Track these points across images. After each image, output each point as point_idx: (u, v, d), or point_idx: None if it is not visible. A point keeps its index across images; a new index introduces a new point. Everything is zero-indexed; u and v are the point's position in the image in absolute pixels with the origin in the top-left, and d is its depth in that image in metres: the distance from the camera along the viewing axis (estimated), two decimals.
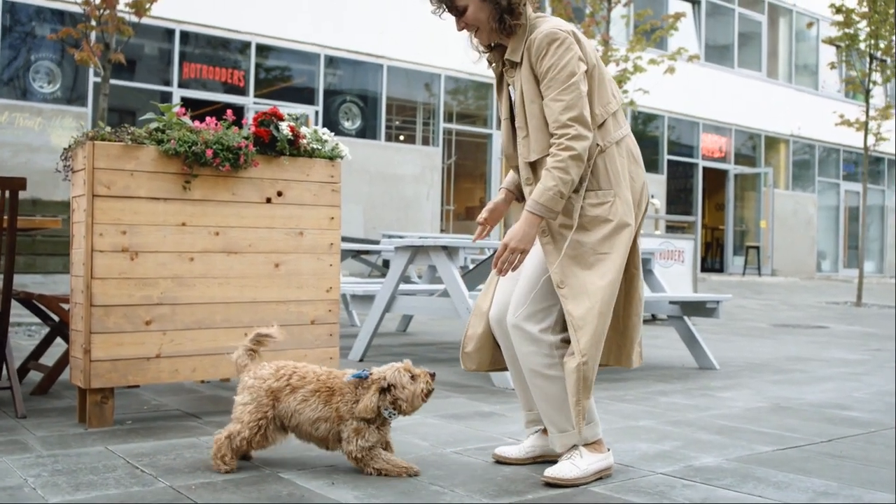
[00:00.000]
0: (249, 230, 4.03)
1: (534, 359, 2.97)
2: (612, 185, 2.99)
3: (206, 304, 3.90)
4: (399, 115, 17.45)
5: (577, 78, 2.90)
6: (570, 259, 2.95)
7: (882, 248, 27.96)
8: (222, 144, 3.87)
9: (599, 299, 2.91)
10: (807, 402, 4.77)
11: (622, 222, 2.97)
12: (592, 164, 2.98)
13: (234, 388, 4.72)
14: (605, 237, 2.95)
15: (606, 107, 3.02)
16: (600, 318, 2.91)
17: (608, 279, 2.93)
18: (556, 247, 2.97)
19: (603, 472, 3.01)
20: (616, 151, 3.01)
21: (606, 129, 3.01)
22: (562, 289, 2.93)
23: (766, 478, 3.07)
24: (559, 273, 2.94)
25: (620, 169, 3.01)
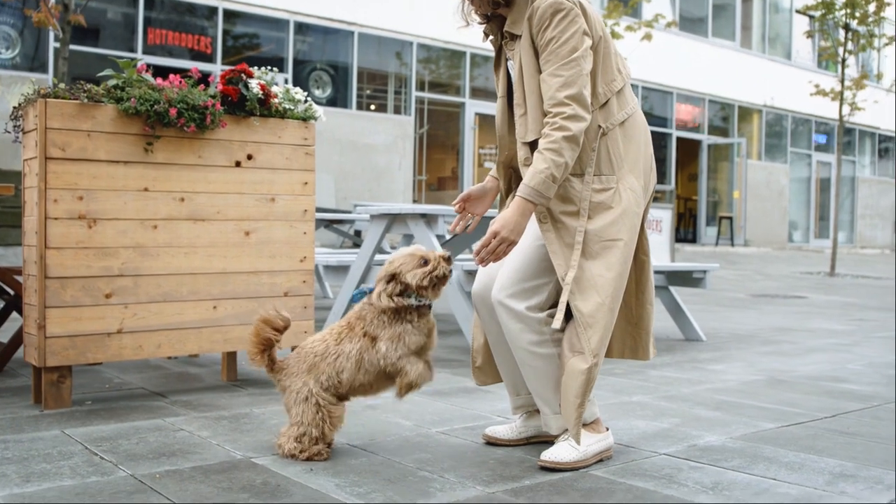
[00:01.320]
0: (217, 196, 3.75)
1: (523, 336, 2.73)
2: (614, 171, 2.75)
3: (171, 276, 3.63)
4: (370, 84, 17.09)
5: (580, 54, 2.64)
6: (571, 248, 2.70)
7: (852, 219, 28.04)
8: (187, 103, 3.58)
9: (609, 293, 2.68)
10: (802, 375, 4.59)
11: (627, 209, 2.73)
12: (597, 147, 2.73)
13: (202, 363, 4.46)
14: (609, 224, 2.71)
15: (611, 85, 2.77)
16: (609, 314, 2.69)
17: (616, 270, 2.70)
18: (558, 235, 2.72)
19: (603, 454, 2.79)
20: (620, 133, 2.77)
21: (609, 110, 2.76)
22: (567, 282, 2.70)
23: (776, 458, 2.87)
24: (563, 265, 2.69)
25: (624, 153, 2.77)
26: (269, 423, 3.21)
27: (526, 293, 2.73)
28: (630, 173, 2.77)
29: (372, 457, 2.79)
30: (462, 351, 5.18)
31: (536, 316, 2.72)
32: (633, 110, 2.81)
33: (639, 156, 2.81)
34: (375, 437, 3.06)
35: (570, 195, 2.72)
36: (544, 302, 2.74)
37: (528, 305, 2.72)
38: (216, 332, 3.76)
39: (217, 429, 3.12)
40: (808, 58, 26.03)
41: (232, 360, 4.12)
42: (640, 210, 2.79)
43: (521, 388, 2.98)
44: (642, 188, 2.80)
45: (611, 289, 2.69)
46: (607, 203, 2.72)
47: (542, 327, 2.72)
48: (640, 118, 2.85)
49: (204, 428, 3.13)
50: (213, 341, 3.75)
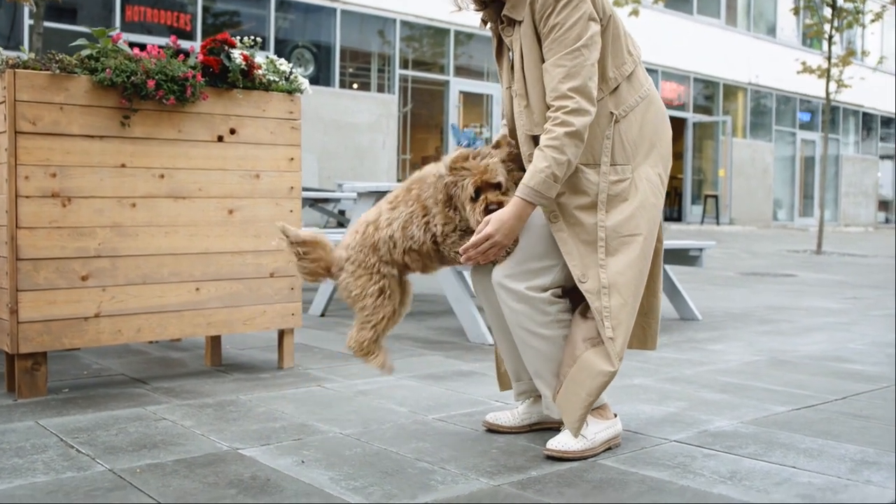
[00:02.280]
0: (199, 172, 3.56)
1: (525, 317, 2.57)
2: (629, 159, 2.58)
3: (151, 256, 3.45)
4: (353, 62, 16.84)
5: (584, 42, 2.44)
6: (588, 246, 2.54)
7: (836, 197, 28.04)
8: (166, 74, 3.39)
9: (630, 292, 2.53)
10: (804, 355, 4.46)
11: (645, 201, 2.57)
12: (610, 135, 2.56)
13: (186, 347, 4.28)
14: (627, 218, 2.54)
15: (621, 68, 2.59)
16: (631, 313, 2.54)
17: (637, 268, 2.54)
18: (573, 233, 2.54)
19: (611, 442, 2.64)
20: (634, 119, 2.59)
21: (621, 95, 2.58)
22: (584, 283, 2.52)
23: (793, 443, 2.73)
24: (580, 266, 2.53)
25: (639, 140, 2.59)
26: (257, 411, 3.05)
27: (527, 274, 2.57)
28: (646, 161, 2.60)
29: (366, 446, 2.63)
30: (453, 332, 5.02)
31: (539, 296, 2.55)
32: (647, 93, 2.64)
33: (655, 142, 2.64)
34: (369, 425, 2.90)
35: (584, 187, 2.55)
36: (548, 284, 2.57)
37: (529, 286, 2.55)
38: (199, 316, 3.58)
39: (201, 417, 2.95)
40: (793, 35, 25.93)
41: (216, 344, 3.94)
42: (660, 202, 2.62)
43: (524, 374, 2.82)
44: (659, 177, 2.63)
45: (632, 287, 2.53)
46: (623, 195, 2.55)
47: (546, 307, 2.56)
48: (655, 101, 2.67)
49: (187, 417, 2.96)
50: (195, 325, 3.58)
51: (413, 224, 2.64)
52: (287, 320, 3.85)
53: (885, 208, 31.31)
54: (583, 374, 2.50)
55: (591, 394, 2.50)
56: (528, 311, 2.55)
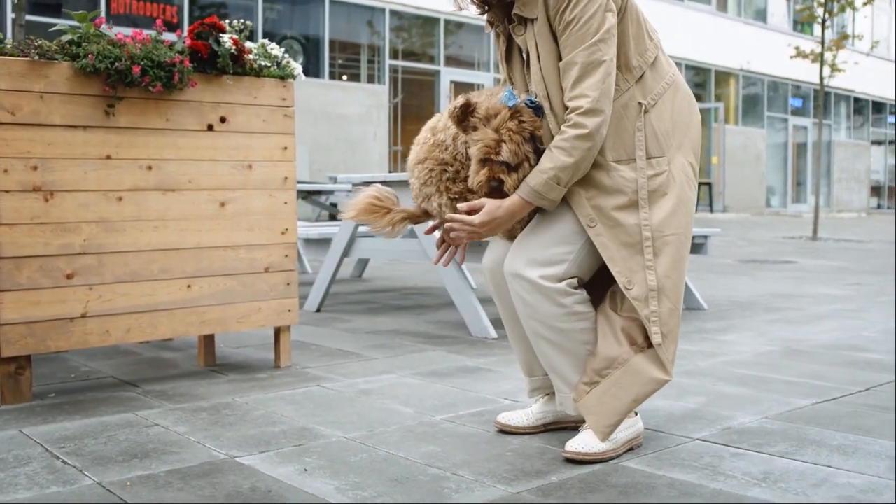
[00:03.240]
0: (188, 163, 3.39)
1: (541, 309, 2.41)
2: (663, 150, 2.42)
3: (139, 252, 3.27)
4: (343, 53, 16.64)
5: (601, 36, 2.28)
6: (629, 249, 2.38)
7: (829, 182, 27.95)
8: (152, 60, 3.21)
9: (677, 296, 2.41)
10: (818, 344, 4.31)
11: (682, 196, 2.42)
12: (642, 126, 2.40)
13: (178, 347, 4.11)
14: (669, 216, 2.39)
15: (644, 55, 2.42)
16: (678, 319, 2.42)
17: (680, 269, 2.41)
18: (614, 235, 2.38)
19: (633, 442, 2.48)
20: (663, 107, 2.43)
21: (647, 84, 2.42)
22: (630, 290, 2.37)
23: (823, 440, 2.57)
24: (624, 271, 2.37)
25: (672, 129, 2.44)
26: (254, 415, 2.88)
27: (540, 263, 2.40)
28: (679, 151, 2.45)
29: (373, 451, 2.47)
30: (454, 326, 4.86)
31: (553, 286, 2.39)
32: (672, 78, 2.48)
33: (687, 130, 2.49)
34: (374, 427, 2.74)
35: (620, 186, 2.39)
36: (563, 273, 2.41)
37: (543, 274, 2.39)
38: (191, 314, 3.41)
39: (195, 423, 2.78)
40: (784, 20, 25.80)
41: (209, 343, 3.77)
42: (694, 195, 2.47)
43: (537, 370, 2.66)
44: (692, 167, 2.49)
45: (678, 290, 2.40)
46: (662, 189, 2.40)
47: (561, 298, 2.39)
48: (681, 85, 2.51)
49: (181, 422, 2.79)
50: (188, 323, 3.41)
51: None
52: (283, 317, 3.68)
53: (877, 194, 31.25)
54: (632, 379, 2.36)
55: (636, 400, 2.36)
56: (542, 302, 2.39)
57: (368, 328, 4.83)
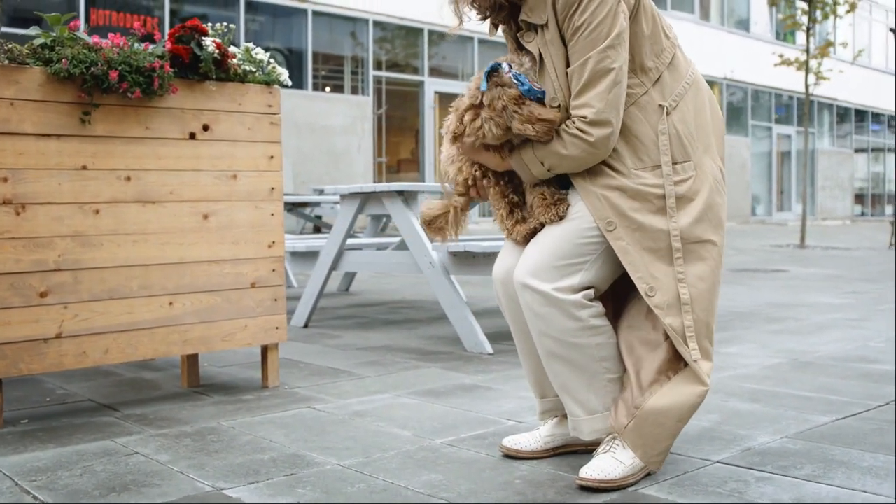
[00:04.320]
0: (170, 174, 3.21)
1: (554, 323, 2.24)
2: (689, 155, 2.26)
3: (118, 268, 3.09)
4: (326, 65, 16.47)
5: (611, 41, 2.13)
6: (653, 254, 2.23)
7: (813, 191, 27.96)
8: (130, 65, 3.03)
9: (704, 307, 2.25)
10: (826, 356, 4.16)
11: (711, 201, 2.27)
12: (666, 130, 2.24)
13: (160, 367, 3.91)
14: (695, 222, 2.24)
15: (661, 56, 2.27)
16: (708, 331, 2.28)
17: (710, 280, 2.27)
18: (634, 240, 2.22)
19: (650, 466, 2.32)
20: (686, 108, 2.28)
21: (666, 85, 2.26)
22: (652, 297, 2.21)
23: (852, 461, 2.41)
24: (646, 277, 2.22)
25: (696, 130, 2.28)
26: (241, 440, 2.70)
27: (554, 272, 2.24)
28: (706, 154, 2.30)
29: (371, 481, 2.29)
30: (447, 341, 4.69)
31: (568, 298, 2.22)
32: (692, 77, 2.32)
33: (710, 130, 2.34)
34: (370, 453, 2.56)
35: (643, 192, 2.23)
36: (577, 284, 2.24)
37: (557, 286, 2.22)
38: (173, 333, 3.22)
39: (178, 450, 2.59)
40: (767, 29, 25.83)
41: (193, 362, 3.58)
42: (724, 200, 2.31)
43: (550, 390, 2.49)
44: (720, 170, 2.34)
45: (706, 302, 2.24)
46: (689, 196, 2.25)
47: (576, 311, 2.23)
48: (701, 84, 2.36)
49: (163, 450, 2.60)
50: (169, 343, 3.22)
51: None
52: (271, 335, 3.50)
53: (860, 201, 31.32)
54: (675, 401, 2.22)
55: (682, 419, 2.20)
56: (556, 315, 2.22)
57: (359, 344, 4.65)
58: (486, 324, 5.32)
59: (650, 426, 2.21)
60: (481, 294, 7.21)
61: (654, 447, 2.23)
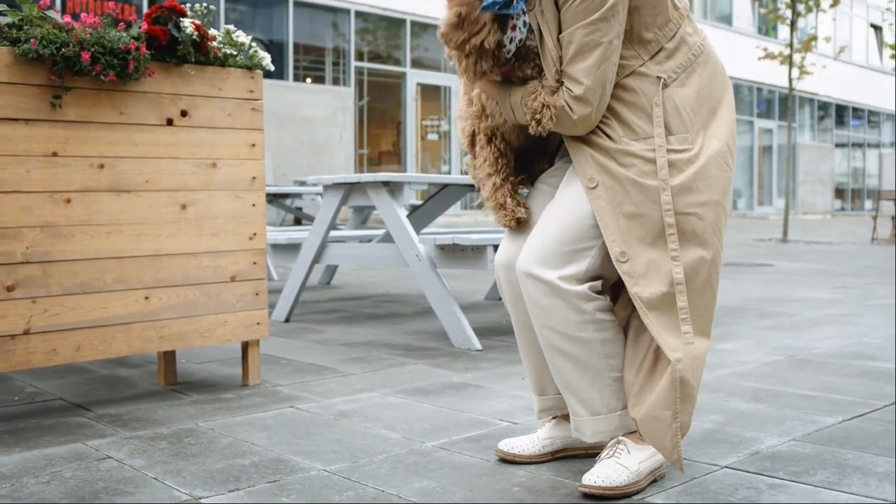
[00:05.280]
0: (146, 161, 3.05)
1: (558, 316, 2.10)
2: (687, 129, 2.11)
3: (90, 261, 2.93)
4: (307, 56, 16.27)
5: (603, 13, 1.99)
6: (631, 220, 2.08)
7: (794, 185, 27.99)
8: (103, 46, 2.87)
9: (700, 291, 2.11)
10: (823, 353, 4.05)
11: (704, 172, 2.10)
12: (660, 101, 2.09)
13: (136, 363, 3.75)
14: (688, 193, 2.08)
15: (664, 28, 2.12)
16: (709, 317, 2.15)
17: (709, 260, 2.12)
18: (614, 201, 2.08)
19: (657, 472, 2.19)
20: (688, 81, 2.13)
21: (665, 57, 2.11)
22: (624, 263, 2.07)
23: (866, 466, 2.29)
24: (619, 241, 2.08)
25: (697, 105, 2.13)
26: (221, 443, 2.55)
27: (558, 259, 2.10)
28: (705, 130, 2.14)
29: (360, 489, 2.15)
30: (434, 337, 4.55)
31: (573, 289, 2.09)
32: (700, 49, 2.17)
33: (716, 106, 2.18)
34: (358, 457, 2.41)
35: (631, 152, 2.09)
36: (583, 272, 2.11)
37: (562, 275, 2.09)
38: (149, 328, 3.07)
39: (154, 454, 2.44)
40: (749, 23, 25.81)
41: (170, 359, 3.43)
42: (724, 174, 2.13)
43: (550, 388, 2.36)
44: (727, 146, 2.16)
45: (705, 284, 2.11)
46: (681, 167, 2.10)
47: (581, 304, 2.09)
48: (711, 57, 2.20)
49: (137, 454, 2.45)
50: (145, 339, 3.06)
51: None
52: (252, 330, 3.35)
53: (840, 196, 31.41)
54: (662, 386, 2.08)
55: (668, 405, 2.07)
56: (560, 307, 2.09)
57: (342, 339, 4.50)
58: (474, 318, 5.19)
59: (649, 424, 2.08)
60: (467, 287, 7.07)
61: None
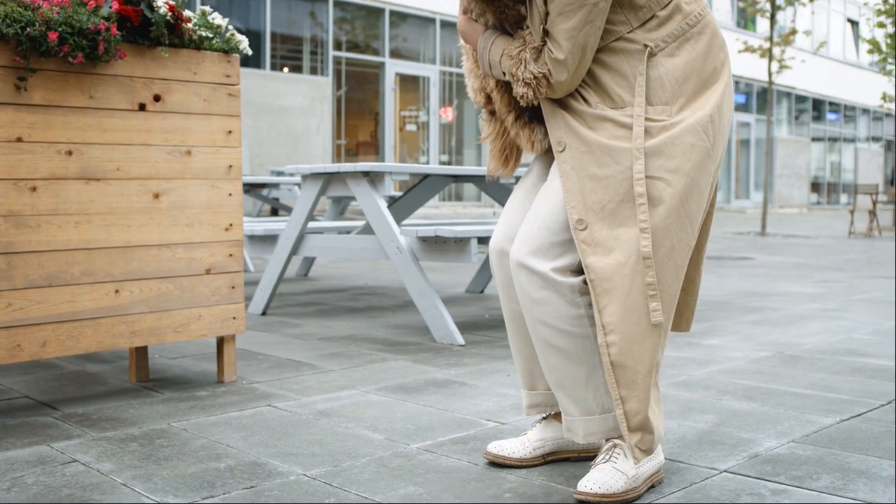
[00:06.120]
0: (117, 148, 2.91)
1: (551, 309, 1.99)
2: (669, 101, 1.98)
3: (57, 252, 2.78)
4: (284, 45, 16.06)
5: None
6: (596, 183, 1.96)
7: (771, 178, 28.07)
8: (72, 26, 2.72)
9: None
10: (812, 349, 3.97)
11: (679, 139, 1.96)
12: (644, 71, 1.98)
13: (106, 359, 3.61)
14: (661, 162, 1.96)
15: None
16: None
17: (678, 223, 1.98)
18: (580, 164, 1.97)
19: (654, 477, 2.08)
20: (678, 51, 2.00)
21: (656, 25, 1.99)
22: (582, 231, 1.96)
23: (871, 470, 2.20)
24: (580, 208, 1.96)
25: (684, 77, 2.00)
26: (194, 445, 2.42)
27: (551, 249, 1.99)
28: (691, 103, 2.00)
29: (342, 495, 2.03)
30: (415, 331, 4.43)
31: (567, 281, 1.98)
32: (697, 18, 2.04)
33: (707, 78, 2.03)
34: (339, 460, 2.30)
35: (604, 116, 1.98)
36: (577, 263, 2.00)
37: (555, 266, 1.98)
38: (120, 323, 2.93)
39: (123, 457, 2.31)
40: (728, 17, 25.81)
41: (142, 355, 3.29)
42: (702, 144, 1.98)
43: (540, 382, 2.25)
44: (710, 118, 2.00)
45: (670, 259, 1.98)
46: (654, 132, 1.96)
47: (576, 297, 1.98)
48: (708, 27, 2.05)
49: (105, 457, 2.32)
50: (115, 335, 2.92)
51: None
52: (227, 325, 3.22)
53: (816, 190, 31.53)
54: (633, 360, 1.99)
55: (611, 384, 1.98)
56: (553, 300, 1.98)
57: (321, 334, 4.37)
58: (455, 312, 5.08)
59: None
60: (447, 280, 6.96)
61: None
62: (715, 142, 2.02)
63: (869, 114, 33.54)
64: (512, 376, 3.35)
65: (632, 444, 2.00)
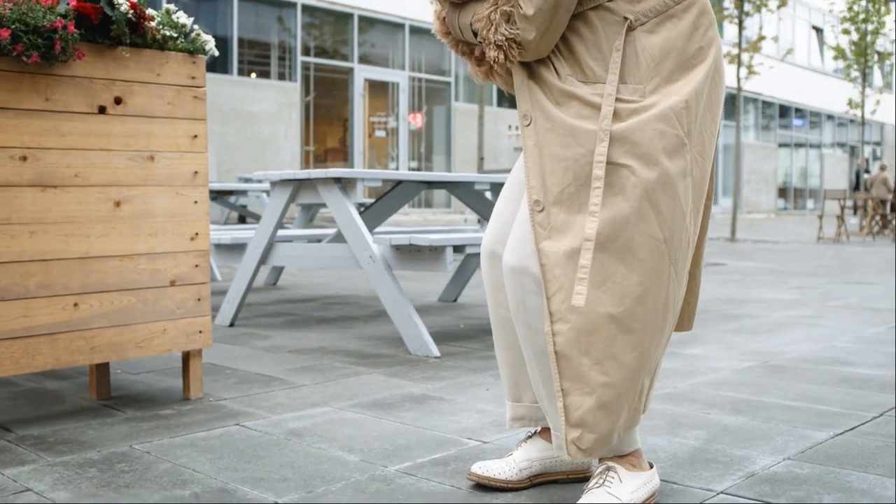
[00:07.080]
0: (75, 153, 2.75)
1: (540, 315, 1.87)
2: (643, 80, 1.85)
3: (11, 264, 2.62)
4: (252, 50, 15.87)
5: None
6: (558, 163, 1.84)
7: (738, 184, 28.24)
8: (26, 24, 2.57)
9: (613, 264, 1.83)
10: (796, 358, 3.89)
11: (649, 125, 1.82)
12: (620, 46, 1.85)
13: (65, 375, 3.43)
14: (620, 138, 1.82)
15: None
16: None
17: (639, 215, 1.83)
18: (542, 141, 1.85)
19: (650, 500, 1.97)
20: (659, 28, 1.86)
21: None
22: (539, 213, 1.84)
23: (873, 490, 2.10)
24: (539, 188, 1.84)
25: (662, 55, 1.86)
26: (157, 470, 2.27)
27: None
28: (667, 85, 1.85)
29: None
30: (389, 342, 4.30)
31: None
32: None
33: (690, 59, 1.88)
34: (313, 485, 2.16)
35: (572, 94, 1.85)
36: None
37: None
38: (78, 339, 2.77)
39: (81, 485, 2.15)
40: None
41: (103, 371, 3.13)
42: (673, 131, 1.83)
43: (526, 394, 2.13)
44: (686, 103, 1.85)
45: (617, 247, 1.83)
46: (623, 116, 1.83)
47: None
48: (694, 10, 1.90)
49: (61, 484, 2.16)
50: (74, 351, 2.76)
51: None
52: (193, 339, 3.06)
53: (783, 195, 31.78)
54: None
55: (555, 375, 1.86)
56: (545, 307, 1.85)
57: (291, 346, 4.22)
58: (429, 322, 4.95)
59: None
60: (419, 289, 6.83)
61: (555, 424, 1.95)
62: (689, 130, 1.87)
63: (834, 120, 33.87)
64: (491, 390, 3.23)
65: (568, 440, 1.86)
